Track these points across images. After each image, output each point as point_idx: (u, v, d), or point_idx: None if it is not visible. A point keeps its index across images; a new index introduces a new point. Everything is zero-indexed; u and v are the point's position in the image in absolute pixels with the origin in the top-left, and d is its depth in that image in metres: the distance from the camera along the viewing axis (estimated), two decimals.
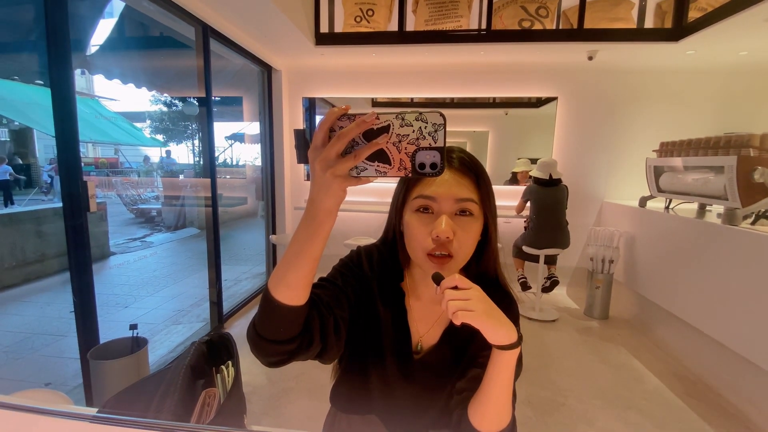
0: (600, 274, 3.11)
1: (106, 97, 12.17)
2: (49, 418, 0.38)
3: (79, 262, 1.64)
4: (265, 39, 3.06)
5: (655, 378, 2.32)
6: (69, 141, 1.59)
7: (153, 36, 4.11)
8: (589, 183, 3.79)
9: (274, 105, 3.80)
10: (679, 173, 2.63)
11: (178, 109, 13.33)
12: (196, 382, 0.52)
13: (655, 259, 2.77)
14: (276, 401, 2.04)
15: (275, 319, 0.51)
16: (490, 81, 3.74)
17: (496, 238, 0.67)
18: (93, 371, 1.61)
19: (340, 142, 0.42)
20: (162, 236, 6.60)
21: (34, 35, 5.23)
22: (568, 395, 2.13)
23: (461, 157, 0.63)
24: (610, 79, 3.60)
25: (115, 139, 10.54)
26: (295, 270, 0.48)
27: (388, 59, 3.52)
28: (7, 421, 0.40)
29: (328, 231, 0.48)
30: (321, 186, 0.44)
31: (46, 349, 2.73)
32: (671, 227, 2.62)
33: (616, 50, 3.05)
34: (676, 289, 2.50)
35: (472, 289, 0.51)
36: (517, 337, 0.53)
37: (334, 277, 0.67)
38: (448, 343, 0.68)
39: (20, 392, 0.61)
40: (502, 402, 0.55)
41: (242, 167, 10.20)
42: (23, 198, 9.22)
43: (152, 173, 11.07)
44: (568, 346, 2.72)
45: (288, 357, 0.54)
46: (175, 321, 3.14)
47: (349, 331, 0.64)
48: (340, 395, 0.72)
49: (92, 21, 4.15)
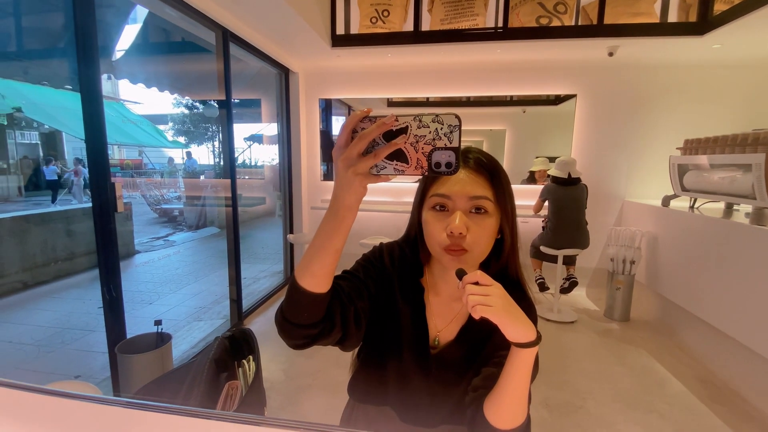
0: (621, 275, 3.05)
1: (130, 101, 12.58)
2: (86, 404, 0.41)
3: (108, 260, 1.72)
4: (282, 42, 3.12)
5: (678, 382, 2.26)
6: (98, 144, 1.66)
7: (175, 41, 4.23)
8: (610, 182, 3.71)
9: (291, 106, 3.86)
10: (705, 171, 2.55)
11: (199, 112, 13.66)
12: (219, 375, 0.55)
13: (679, 260, 2.69)
14: (293, 397, 2.09)
15: (300, 304, 0.55)
16: (508, 79, 3.70)
17: (515, 237, 0.68)
18: (120, 364, 1.68)
19: (362, 142, 0.46)
20: (184, 235, 6.79)
21: (63, 42, 5.46)
22: (587, 398, 2.10)
23: (477, 157, 0.65)
24: (632, 75, 3.51)
25: (139, 142, 10.89)
26: (318, 260, 0.53)
27: (404, 59, 3.53)
28: (46, 408, 0.43)
29: (349, 225, 0.51)
30: (343, 183, 0.48)
31: (76, 343, 2.85)
32: (696, 227, 2.54)
33: (638, 45, 2.98)
34: (701, 291, 2.43)
35: (493, 285, 0.53)
36: (535, 336, 0.54)
37: (357, 271, 0.71)
38: (465, 340, 0.69)
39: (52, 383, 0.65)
40: (518, 399, 0.56)
41: (260, 168, 10.37)
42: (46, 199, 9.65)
43: (176, 174, 11.38)
44: (587, 348, 2.68)
45: (311, 340, 0.58)
46: (197, 317, 3.23)
47: (368, 323, 0.67)
48: (358, 386, 0.75)
49: (118, 27, 4.30)
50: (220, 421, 0.38)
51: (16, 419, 0.41)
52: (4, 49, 6.82)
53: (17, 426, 0.40)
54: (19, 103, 8.54)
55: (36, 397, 0.44)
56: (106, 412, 0.41)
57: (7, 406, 0.43)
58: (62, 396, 0.44)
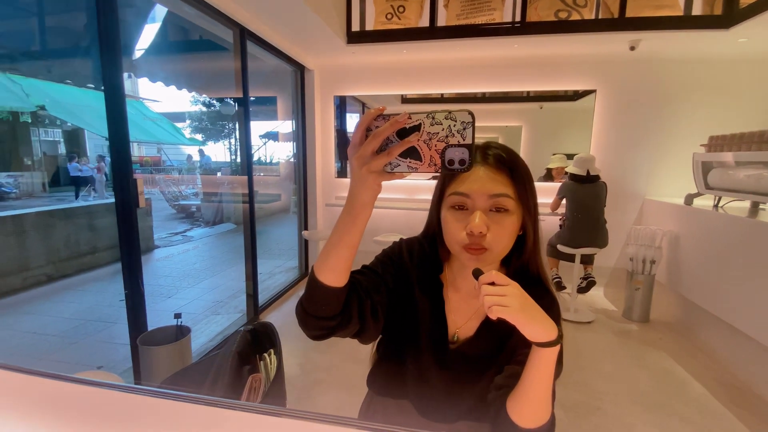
0: (640, 274, 2.98)
1: (149, 99, 12.84)
2: (115, 393, 0.43)
3: (130, 254, 1.76)
4: (298, 39, 3.13)
5: (698, 385, 2.21)
6: (121, 141, 1.70)
7: (193, 40, 4.29)
8: (630, 180, 3.63)
9: (306, 104, 3.89)
10: (730, 169, 2.47)
11: (216, 110, 13.86)
12: (242, 368, 0.56)
13: (702, 260, 2.62)
14: (308, 392, 2.11)
15: (318, 297, 0.57)
16: (525, 74, 3.64)
17: (536, 234, 0.67)
18: (142, 356, 1.72)
19: (376, 140, 0.46)
20: (201, 231, 6.92)
21: (85, 41, 5.60)
22: (604, 399, 2.06)
23: (497, 153, 0.64)
24: (654, 70, 3.42)
25: (158, 139, 11.12)
26: (335, 255, 0.54)
27: (419, 55, 3.51)
28: (76, 396, 0.45)
29: (365, 222, 0.53)
30: (358, 180, 0.49)
31: (98, 334, 2.94)
32: (720, 226, 2.47)
33: (661, 39, 2.90)
34: (724, 292, 2.36)
35: (509, 285, 0.52)
36: (556, 335, 0.53)
37: (375, 266, 0.72)
38: (485, 337, 0.69)
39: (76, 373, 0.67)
40: (541, 398, 0.56)
41: (276, 165, 10.48)
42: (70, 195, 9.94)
43: (194, 171, 11.60)
44: (605, 349, 2.63)
45: (329, 332, 0.60)
46: (214, 311, 3.30)
47: (387, 317, 0.68)
48: (377, 379, 0.76)
49: (138, 27, 4.39)
50: (245, 412, 0.39)
51: (44, 407, 0.43)
52: (28, 49, 7.04)
53: (47, 414, 0.42)
54: (43, 101, 8.79)
55: (64, 385, 0.46)
56: (133, 400, 0.42)
57: (34, 394, 0.45)
58: (92, 385, 0.46)
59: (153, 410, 0.42)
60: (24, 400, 0.44)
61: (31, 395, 0.45)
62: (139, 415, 0.41)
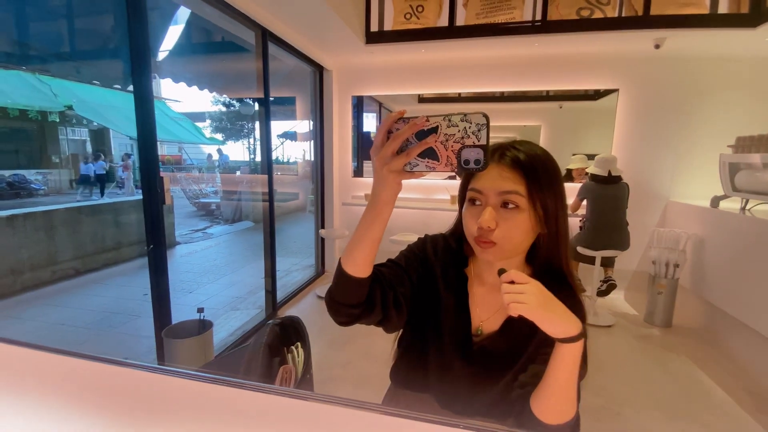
0: (663, 278, 2.91)
1: (171, 99, 13.15)
2: (159, 376, 0.46)
3: (156, 249, 1.82)
4: (318, 40, 3.17)
5: (722, 392, 2.15)
6: (148, 141, 1.76)
7: (215, 41, 4.39)
8: (653, 181, 3.54)
9: (324, 104, 3.93)
10: (758, 171, 2.39)
11: (236, 110, 14.11)
12: (273, 359, 0.58)
13: (728, 264, 2.54)
14: (324, 387, 2.14)
15: (344, 286, 0.61)
16: (545, 74, 3.59)
17: (559, 233, 0.68)
18: (166, 348, 1.78)
19: (396, 142, 0.50)
20: (220, 228, 7.06)
21: (113, 43, 5.77)
22: (624, 404, 2.03)
23: (515, 154, 0.65)
24: (679, 69, 3.33)
25: (179, 138, 11.39)
26: (359, 249, 0.59)
27: (438, 54, 3.51)
28: (122, 377, 0.48)
29: (386, 218, 0.57)
30: (380, 179, 0.53)
31: (123, 327, 3.04)
32: (747, 230, 2.39)
33: (687, 38, 2.82)
34: (751, 298, 2.29)
35: (528, 284, 0.54)
36: (578, 331, 0.54)
37: (400, 260, 0.75)
38: (509, 333, 0.70)
39: None
40: (566, 395, 0.57)
41: (294, 164, 10.61)
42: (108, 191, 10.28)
43: (213, 170, 11.84)
44: (625, 354, 2.58)
45: (354, 318, 0.65)
46: (234, 307, 3.37)
47: (411, 311, 0.71)
48: (400, 372, 0.78)
49: (162, 28, 4.51)
50: (280, 396, 0.41)
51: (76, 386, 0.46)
52: (57, 50, 7.30)
53: (96, 394, 0.45)
54: (71, 101, 9.11)
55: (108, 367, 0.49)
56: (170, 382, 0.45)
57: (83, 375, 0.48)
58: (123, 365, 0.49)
59: (187, 391, 0.45)
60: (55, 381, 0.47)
61: (74, 377, 0.48)
62: (174, 397, 0.44)
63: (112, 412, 0.41)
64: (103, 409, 0.41)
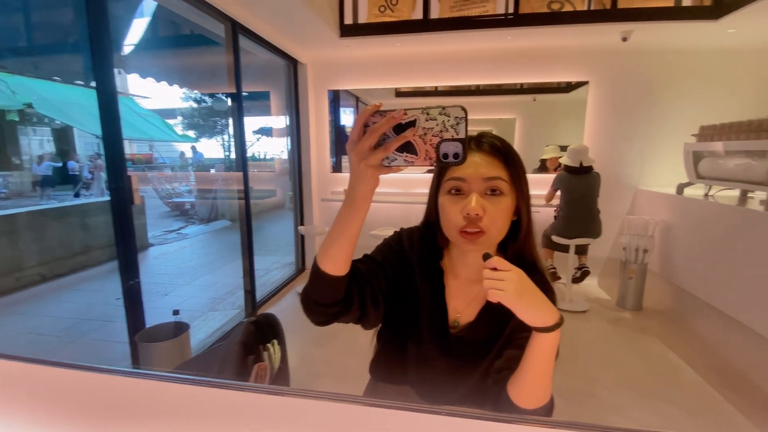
0: (633, 264, 3.02)
1: (139, 95, 12.66)
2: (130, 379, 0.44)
3: (126, 251, 1.76)
4: (291, 33, 3.11)
5: (690, 370, 2.26)
6: (114, 139, 1.69)
7: (184, 34, 4.25)
8: (623, 170, 3.66)
9: (300, 98, 3.87)
10: (720, 158, 2.50)
11: (208, 105, 13.72)
12: (247, 358, 0.57)
13: (693, 249, 2.66)
14: (308, 384, 2.13)
15: (321, 285, 0.59)
16: (518, 66, 3.65)
17: (530, 220, 0.70)
18: (141, 353, 1.72)
19: (373, 136, 0.48)
20: (196, 228, 6.88)
21: (73, 37, 5.50)
22: (599, 386, 2.10)
23: (491, 141, 0.67)
24: (646, 61, 3.44)
25: (149, 136, 10.98)
26: (336, 246, 0.57)
27: (413, 48, 3.50)
28: (89, 383, 0.46)
29: (364, 214, 0.55)
30: (357, 175, 0.51)
31: (95, 333, 2.92)
32: (711, 215, 2.51)
33: (652, 30, 2.91)
34: (715, 280, 2.41)
35: (510, 271, 0.54)
36: (555, 321, 0.54)
37: (376, 254, 0.74)
38: (485, 322, 0.71)
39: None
40: (542, 381, 0.58)
41: (270, 161, 10.42)
42: (68, 194, 9.83)
43: (187, 168, 11.50)
44: (599, 337, 2.68)
45: (331, 317, 0.63)
46: (212, 308, 3.29)
47: (388, 305, 0.70)
48: (379, 366, 0.78)
49: (127, 21, 4.33)
50: (253, 393, 0.40)
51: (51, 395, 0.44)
52: (14, 45, 6.89)
53: (52, 401, 0.42)
54: (30, 98, 8.61)
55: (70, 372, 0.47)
56: (141, 385, 0.43)
57: (41, 382, 0.45)
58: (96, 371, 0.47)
59: (161, 394, 0.43)
60: (30, 390, 0.44)
61: (36, 384, 0.45)
62: (147, 400, 0.42)
63: (80, 420, 0.39)
64: (70, 417, 0.40)
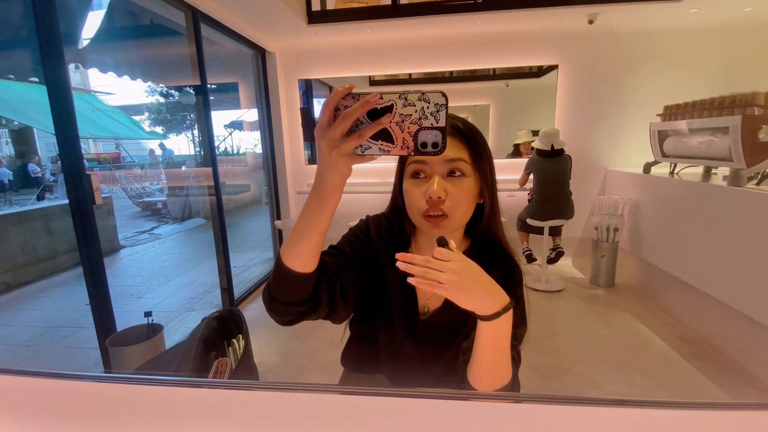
0: (605, 242, 3.12)
1: (102, 92, 12.10)
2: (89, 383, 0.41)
3: (90, 253, 1.68)
4: (256, 21, 3.00)
5: (660, 341, 2.36)
6: (69, 136, 1.60)
7: (143, 25, 4.05)
8: (593, 152, 3.75)
9: (270, 89, 3.76)
10: (684, 137, 2.59)
11: (175, 100, 13.23)
12: (209, 354, 0.55)
13: (661, 225, 2.76)
14: (291, 378, 2.11)
15: (286, 284, 0.55)
16: (490, 52, 3.66)
17: (494, 202, 0.69)
18: (112, 358, 1.66)
19: (345, 121, 0.44)
20: (169, 228, 6.67)
21: (24, 32, 5.17)
22: (575, 361, 2.17)
23: (452, 122, 0.65)
24: (612, 43, 3.51)
25: (114, 134, 10.53)
26: (303, 241, 0.52)
27: (384, 35, 3.45)
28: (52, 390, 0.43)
29: (334, 206, 0.51)
30: (327, 164, 0.47)
31: (66, 340, 2.81)
32: (676, 192, 2.60)
33: (618, 12, 2.96)
34: (682, 254, 2.51)
35: (450, 261, 0.51)
36: (499, 308, 0.52)
37: (343, 246, 0.71)
38: (453, 305, 0.70)
39: None
40: (496, 365, 0.57)
41: (243, 155, 10.18)
42: (29, 198, 9.36)
43: (157, 166, 11.12)
44: (575, 315, 2.76)
45: (298, 317, 0.59)
46: (189, 308, 3.22)
47: (358, 296, 0.68)
48: (350, 357, 0.77)
49: (81, 13, 4.09)
50: (211, 389, 0.39)
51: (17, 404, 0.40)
52: None
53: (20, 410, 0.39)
54: None
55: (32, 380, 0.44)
56: (103, 389, 0.40)
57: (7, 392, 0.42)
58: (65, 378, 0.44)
59: (123, 398, 0.41)
60: None
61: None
62: (111, 404, 0.40)
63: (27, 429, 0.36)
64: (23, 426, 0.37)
